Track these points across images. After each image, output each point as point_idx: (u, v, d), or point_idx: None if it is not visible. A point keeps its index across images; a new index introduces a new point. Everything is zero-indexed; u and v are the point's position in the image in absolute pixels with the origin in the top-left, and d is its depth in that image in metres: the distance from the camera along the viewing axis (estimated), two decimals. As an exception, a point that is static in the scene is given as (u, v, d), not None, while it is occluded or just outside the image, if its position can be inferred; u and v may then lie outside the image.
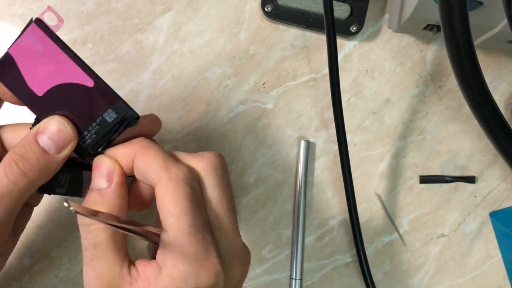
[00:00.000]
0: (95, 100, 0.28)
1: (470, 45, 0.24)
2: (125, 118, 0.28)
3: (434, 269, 0.42)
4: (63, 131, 0.27)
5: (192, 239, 0.24)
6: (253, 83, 0.40)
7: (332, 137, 0.41)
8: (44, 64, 0.27)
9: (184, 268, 0.24)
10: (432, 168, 0.42)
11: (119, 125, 0.28)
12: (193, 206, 0.25)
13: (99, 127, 0.28)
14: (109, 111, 0.28)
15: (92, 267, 0.26)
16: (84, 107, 0.28)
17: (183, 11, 0.40)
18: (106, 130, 0.28)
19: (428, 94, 0.42)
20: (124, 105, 0.28)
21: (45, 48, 0.27)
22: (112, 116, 0.28)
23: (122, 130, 0.28)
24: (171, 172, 0.26)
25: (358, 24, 0.40)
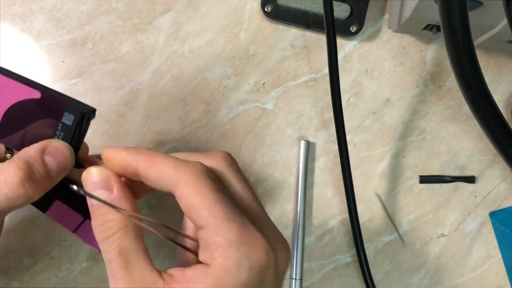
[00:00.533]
0: (48, 109, 0.27)
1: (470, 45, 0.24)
2: (83, 115, 0.27)
3: (434, 269, 0.42)
4: (68, 157, 0.27)
5: (232, 224, 0.24)
6: (253, 83, 0.40)
7: (332, 137, 0.41)
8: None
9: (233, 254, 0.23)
10: (432, 168, 0.42)
11: (80, 123, 0.27)
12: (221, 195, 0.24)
13: (63, 134, 0.27)
14: (66, 115, 0.27)
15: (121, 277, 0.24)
16: (41, 119, 0.27)
17: (183, 11, 0.40)
18: (70, 133, 0.27)
19: (428, 94, 0.42)
20: (77, 104, 0.27)
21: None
22: (70, 118, 0.27)
23: (85, 126, 0.27)
24: (187, 171, 0.25)
25: (358, 24, 0.40)
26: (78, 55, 0.39)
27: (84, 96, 0.39)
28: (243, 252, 0.23)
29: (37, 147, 0.26)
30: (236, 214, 0.24)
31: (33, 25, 0.39)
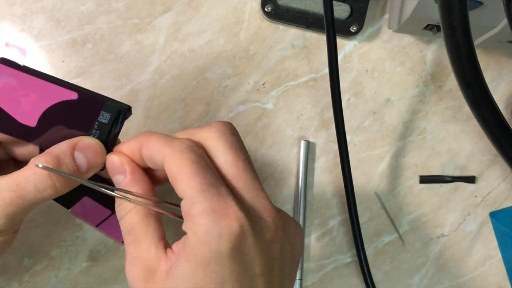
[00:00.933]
0: (85, 109, 0.28)
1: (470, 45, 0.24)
2: (119, 113, 0.28)
3: (434, 269, 0.42)
4: (99, 154, 0.28)
5: (206, 194, 0.24)
6: (253, 83, 0.40)
7: (332, 137, 0.41)
8: (25, 96, 0.28)
9: (204, 222, 0.24)
10: (432, 168, 0.42)
11: (115, 121, 0.28)
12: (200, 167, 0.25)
13: (99, 132, 0.28)
14: (102, 113, 0.28)
15: (129, 253, 0.26)
16: (78, 119, 0.28)
17: (183, 11, 0.40)
18: (106, 132, 0.28)
19: (428, 94, 0.42)
20: (113, 103, 0.28)
21: (20, 81, 0.28)
22: (107, 116, 0.28)
23: (120, 124, 0.28)
24: (174, 146, 0.26)
25: (358, 24, 0.40)
26: (78, 55, 0.39)
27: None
28: (213, 220, 0.24)
29: (68, 143, 0.28)
30: (213, 185, 0.25)
31: (33, 25, 0.39)
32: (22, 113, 0.28)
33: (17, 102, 0.28)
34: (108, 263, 0.39)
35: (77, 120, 0.28)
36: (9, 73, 0.28)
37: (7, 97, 0.28)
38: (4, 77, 0.28)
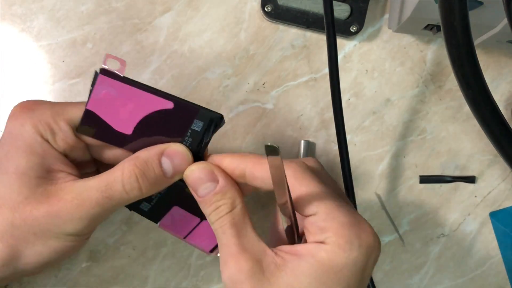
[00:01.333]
0: (179, 117, 0.29)
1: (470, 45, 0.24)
2: (211, 122, 0.29)
3: (434, 269, 0.42)
4: (186, 161, 0.29)
5: (343, 210, 0.27)
6: (253, 83, 0.40)
7: (332, 137, 0.41)
8: (124, 105, 0.29)
9: (346, 233, 0.26)
10: (432, 168, 0.42)
11: (208, 129, 0.29)
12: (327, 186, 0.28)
13: (191, 140, 0.29)
14: (195, 122, 0.29)
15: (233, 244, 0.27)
16: (172, 127, 0.29)
17: (183, 11, 0.40)
18: (198, 139, 0.29)
19: (428, 94, 0.42)
20: (206, 111, 0.29)
21: (119, 91, 0.29)
22: (199, 125, 0.29)
23: (212, 132, 0.29)
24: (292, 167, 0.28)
25: (358, 24, 0.40)
26: (78, 55, 0.39)
27: (84, 96, 0.39)
28: (354, 233, 0.26)
29: (156, 149, 0.29)
30: (343, 202, 0.28)
31: (33, 25, 0.39)
32: (119, 121, 0.29)
33: (116, 111, 0.29)
34: (108, 263, 0.39)
35: (171, 128, 0.29)
36: (109, 83, 0.28)
37: (106, 106, 0.29)
38: (104, 87, 0.28)
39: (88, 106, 0.29)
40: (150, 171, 0.28)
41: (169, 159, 0.29)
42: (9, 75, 0.38)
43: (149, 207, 0.32)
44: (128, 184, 0.28)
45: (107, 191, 0.28)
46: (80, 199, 0.28)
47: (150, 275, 0.40)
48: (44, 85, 0.39)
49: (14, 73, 0.39)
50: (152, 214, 0.33)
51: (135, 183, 0.28)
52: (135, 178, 0.28)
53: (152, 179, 0.28)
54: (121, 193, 0.28)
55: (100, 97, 0.29)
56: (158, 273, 0.40)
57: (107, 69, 0.28)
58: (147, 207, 0.32)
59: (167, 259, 0.40)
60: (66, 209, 0.27)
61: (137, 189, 0.28)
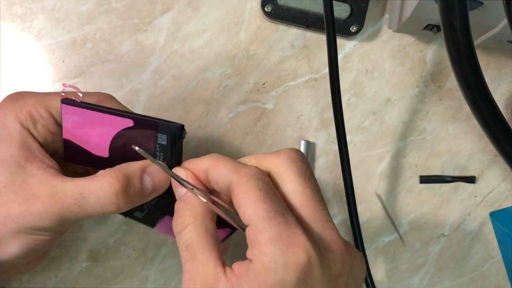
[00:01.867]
0: (143, 134, 0.29)
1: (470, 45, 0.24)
2: (174, 134, 0.28)
3: (434, 269, 0.42)
4: (165, 182, 0.29)
5: (273, 222, 0.24)
6: (253, 83, 0.40)
7: (332, 137, 0.41)
8: (92, 130, 0.29)
9: (270, 251, 0.23)
10: (432, 168, 0.42)
11: (173, 142, 0.29)
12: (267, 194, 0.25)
13: (163, 154, 0.29)
14: (159, 136, 0.28)
15: (186, 270, 0.26)
16: (141, 145, 0.29)
17: (183, 11, 0.40)
18: (168, 153, 0.29)
19: (428, 94, 0.42)
20: (166, 124, 0.28)
21: (83, 117, 0.29)
22: (164, 138, 0.28)
23: (179, 144, 0.29)
24: (240, 172, 0.26)
25: (358, 24, 0.40)
26: (78, 55, 0.39)
27: (84, 96, 0.39)
28: (279, 249, 0.23)
29: (139, 164, 0.28)
30: (279, 213, 0.24)
31: (33, 25, 0.39)
32: (94, 146, 0.29)
33: (88, 136, 0.29)
34: (108, 263, 0.39)
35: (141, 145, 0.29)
36: (72, 111, 0.28)
37: (78, 134, 0.29)
38: (70, 115, 0.28)
39: (64, 135, 0.29)
40: (131, 187, 0.27)
41: (150, 176, 0.28)
42: (9, 75, 0.38)
43: (142, 215, 0.32)
44: (104, 199, 0.27)
45: (80, 200, 0.27)
46: (52, 200, 0.27)
47: (150, 275, 0.40)
48: (44, 85, 0.39)
49: (14, 73, 0.39)
50: (147, 220, 0.33)
51: (113, 199, 0.27)
52: (114, 193, 0.27)
53: (131, 196, 0.27)
54: (94, 206, 0.27)
55: (70, 125, 0.29)
56: (158, 273, 0.40)
57: (67, 98, 0.28)
58: (141, 215, 0.32)
59: (167, 259, 0.40)
60: (36, 207, 0.27)
61: (114, 205, 0.27)
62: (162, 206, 0.32)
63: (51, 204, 0.27)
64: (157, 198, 0.30)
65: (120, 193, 0.27)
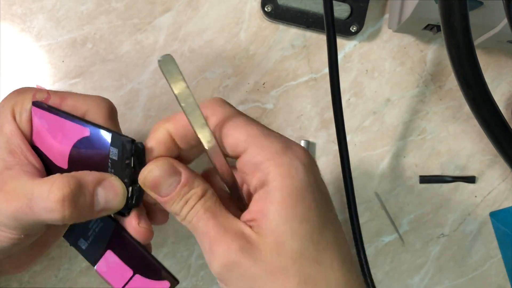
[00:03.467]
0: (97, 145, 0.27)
1: (470, 45, 0.24)
2: (124, 148, 0.26)
3: (434, 269, 0.42)
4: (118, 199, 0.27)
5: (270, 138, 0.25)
6: (253, 83, 0.40)
7: (332, 137, 0.41)
8: (55, 136, 0.27)
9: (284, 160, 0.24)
10: (432, 168, 0.42)
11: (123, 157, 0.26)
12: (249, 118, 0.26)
13: (114, 170, 0.27)
14: (111, 149, 0.26)
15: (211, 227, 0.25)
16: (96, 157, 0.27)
17: (183, 11, 0.40)
18: (119, 169, 0.26)
19: (428, 94, 0.42)
20: (116, 136, 0.26)
21: (49, 122, 0.27)
22: (114, 152, 0.26)
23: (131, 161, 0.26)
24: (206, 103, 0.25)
25: (358, 24, 0.40)
26: (78, 55, 0.39)
27: (84, 96, 0.39)
28: (292, 156, 0.24)
29: (96, 175, 0.26)
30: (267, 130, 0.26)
31: (33, 25, 0.39)
32: (55, 155, 0.28)
33: (51, 144, 0.28)
34: (108, 263, 0.39)
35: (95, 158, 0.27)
36: (40, 114, 0.27)
37: (43, 140, 0.28)
38: (38, 119, 0.28)
39: (33, 139, 0.28)
40: (81, 198, 0.25)
41: (105, 190, 0.26)
42: (9, 75, 0.38)
43: (86, 245, 0.29)
44: (50, 203, 0.25)
45: (31, 201, 0.25)
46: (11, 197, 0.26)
47: (150, 275, 0.40)
48: (44, 85, 0.39)
49: (14, 73, 0.39)
50: (89, 254, 0.29)
51: (58, 205, 0.25)
52: (61, 199, 0.24)
53: (79, 206, 0.25)
54: (40, 209, 0.25)
55: (38, 129, 0.28)
56: (158, 273, 0.40)
57: (37, 101, 0.27)
58: (85, 245, 0.29)
59: (167, 259, 0.40)
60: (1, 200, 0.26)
61: (59, 212, 0.25)
62: (106, 234, 0.29)
63: (8, 201, 0.25)
64: (102, 223, 0.28)
65: (68, 200, 0.25)
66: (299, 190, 0.24)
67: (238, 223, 0.25)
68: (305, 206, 0.24)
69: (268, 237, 0.24)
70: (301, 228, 0.24)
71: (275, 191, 0.24)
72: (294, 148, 0.25)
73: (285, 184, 0.24)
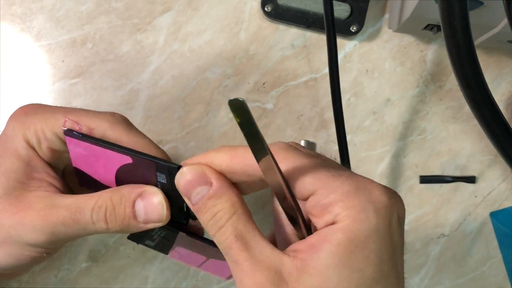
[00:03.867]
0: (143, 170, 0.28)
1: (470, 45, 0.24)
2: (172, 174, 0.26)
3: (434, 269, 0.42)
4: (160, 210, 0.27)
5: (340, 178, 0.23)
6: (253, 83, 0.40)
7: (332, 137, 0.41)
8: (96, 161, 0.29)
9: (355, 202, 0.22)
10: (432, 168, 0.42)
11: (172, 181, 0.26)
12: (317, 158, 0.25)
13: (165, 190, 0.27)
14: (158, 175, 0.27)
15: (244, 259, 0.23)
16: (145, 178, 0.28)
17: (183, 11, 0.40)
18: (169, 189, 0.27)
19: (428, 94, 0.42)
20: (162, 165, 0.27)
21: (85, 149, 0.28)
22: (163, 177, 0.27)
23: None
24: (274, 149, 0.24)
25: (358, 24, 0.40)
26: (77, 55, 0.39)
27: (83, 96, 0.39)
28: (364, 198, 0.23)
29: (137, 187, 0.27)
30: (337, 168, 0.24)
31: (33, 25, 0.39)
32: (101, 176, 0.29)
33: (94, 167, 0.29)
34: (108, 263, 0.39)
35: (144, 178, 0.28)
36: (75, 143, 0.28)
37: (84, 164, 0.29)
38: (73, 147, 0.28)
39: (73, 163, 0.29)
40: (121, 209, 0.27)
41: (143, 201, 0.27)
42: (9, 75, 0.38)
43: (153, 244, 0.31)
44: (96, 214, 0.27)
45: (76, 214, 0.27)
46: (47, 212, 0.27)
47: (150, 275, 0.40)
48: (44, 85, 0.39)
49: (14, 73, 0.39)
50: (159, 249, 0.32)
51: (102, 216, 0.27)
52: (103, 212, 0.27)
53: (120, 218, 0.27)
54: (87, 220, 0.27)
55: (76, 155, 0.29)
56: (158, 273, 0.40)
57: (70, 130, 0.28)
58: (152, 244, 0.31)
59: (167, 259, 0.40)
60: (30, 218, 0.27)
61: (103, 222, 0.27)
62: (171, 238, 0.30)
63: (46, 216, 0.27)
64: (166, 231, 0.29)
65: (109, 212, 0.27)
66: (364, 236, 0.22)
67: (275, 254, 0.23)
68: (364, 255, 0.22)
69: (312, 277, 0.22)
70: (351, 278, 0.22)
71: (338, 232, 0.22)
72: (369, 188, 0.23)
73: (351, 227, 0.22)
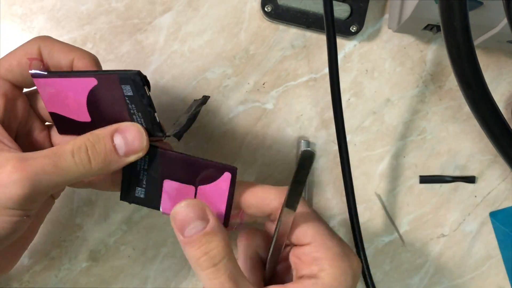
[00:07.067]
0: (110, 90, 0.28)
1: (470, 45, 0.24)
2: (135, 82, 0.27)
3: (434, 269, 0.42)
4: (139, 139, 0.28)
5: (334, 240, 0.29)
6: (253, 83, 0.40)
7: (332, 137, 0.41)
8: (66, 97, 0.29)
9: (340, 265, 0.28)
10: (432, 168, 0.42)
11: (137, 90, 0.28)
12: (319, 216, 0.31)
13: (134, 106, 0.29)
14: (123, 87, 0.28)
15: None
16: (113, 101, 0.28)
17: (183, 11, 0.40)
18: (138, 101, 0.28)
19: (428, 94, 0.42)
20: (124, 74, 0.27)
21: (53, 85, 0.29)
22: (128, 89, 0.28)
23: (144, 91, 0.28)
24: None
25: (358, 24, 0.40)
26: (78, 55, 0.39)
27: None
28: (348, 263, 0.28)
29: (112, 126, 0.28)
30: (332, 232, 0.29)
31: (33, 25, 0.39)
32: (75, 112, 0.29)
33: (66, 104, 0.29)
34: (108, 263, 0.39)
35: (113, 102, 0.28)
36: (44, 83, 0.28)
37: (57, 104, 0.29)
38: (43, 88, 0.29)
39: (48, 109, 0.30)
40: (101, 145, 0.27)
41: (121, 134, 0.28)
42: (9, 75, 0.38)
43: (143, 191, 0.31)
44: (77, 155, 0.27)
45: (55, 158, 0.26)
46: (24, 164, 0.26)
47: (150, 275, 0.40)
48: (44, 85, 0.39)
49: (14, 73, 0.39)
50: (150, 199, 0.31)
51: (84, 155, 0.27)
52: (85, 150, 0.27)
53: (102, 153, 0.27)
54: (69, 163, 0.27)
55: (48, 97, 0.29)
56: (158, 273, 0.40)
57: (35, 72, 0.28)
58: (142, 192, 0.31)
59: (167, 259, 0.40)
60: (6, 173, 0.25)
61: (87, 161, 0.27)
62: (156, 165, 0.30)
63: (23, 167, 0.25)
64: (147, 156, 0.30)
65: (90, 149, 0.27)
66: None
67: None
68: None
69: None
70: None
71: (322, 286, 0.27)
72: (351, 257, 0.28)
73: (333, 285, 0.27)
